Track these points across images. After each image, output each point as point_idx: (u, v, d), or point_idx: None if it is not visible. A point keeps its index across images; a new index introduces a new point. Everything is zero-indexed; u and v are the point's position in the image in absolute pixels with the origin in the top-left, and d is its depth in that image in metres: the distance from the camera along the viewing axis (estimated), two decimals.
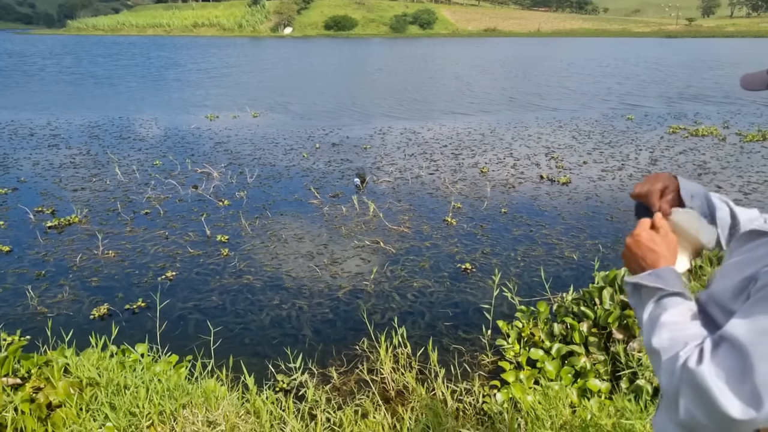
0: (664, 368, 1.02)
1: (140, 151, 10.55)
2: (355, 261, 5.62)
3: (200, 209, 7.12)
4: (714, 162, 9.75)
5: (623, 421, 2.52)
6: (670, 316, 1.07)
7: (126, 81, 24.05)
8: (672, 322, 1.06)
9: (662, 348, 1.04)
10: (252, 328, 4.40)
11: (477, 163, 9.68)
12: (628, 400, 2.75)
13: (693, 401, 0.95)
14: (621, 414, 2.60)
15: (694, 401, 0.95)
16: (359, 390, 3.50)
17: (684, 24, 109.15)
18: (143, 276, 5.26)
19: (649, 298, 1.12)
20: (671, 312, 1.08)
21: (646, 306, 1.12)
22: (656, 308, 1.10)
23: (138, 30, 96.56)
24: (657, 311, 1.10)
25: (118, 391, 2.92)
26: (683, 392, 0.97)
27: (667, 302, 1.09)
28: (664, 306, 1.09)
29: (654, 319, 1.09)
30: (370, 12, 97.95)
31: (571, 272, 5.32)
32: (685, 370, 0.97)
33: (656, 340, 1.06)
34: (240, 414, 2.94)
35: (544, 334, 3.92)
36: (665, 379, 1.02)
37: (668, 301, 1.09)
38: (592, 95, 19.55)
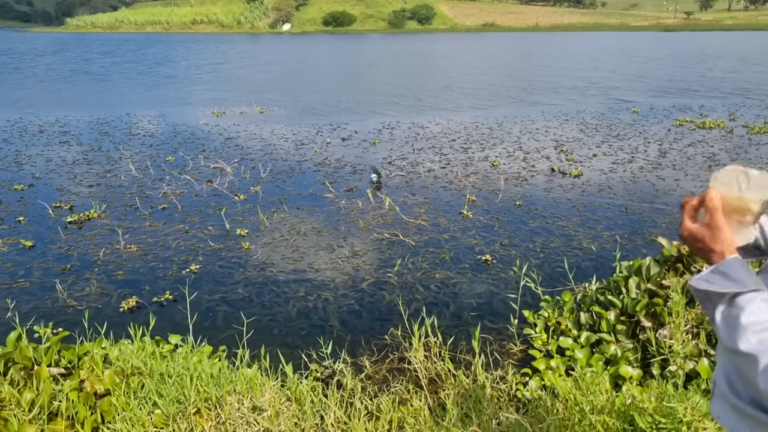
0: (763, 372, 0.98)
1: (151, 147, 10.58)
2: (375, 253, 5.68)
3: (217, 204, 7.17)
4: (723, 154, 9.80)
5: (664, 404, 2.57)
6: (749, 317, 1.04)
7: (134, 78, 24.05)
8: (755, 323, 1.03)
9: (754, 353, 1.00)
10: (279, 320, 4.46)
11: (487, 157, 9.72)
12: (668, 385, 2.80)
13: None
14: (661, 398, 2.66)
15: None
16: (393, 378, 3.55)
17: (682, 17, 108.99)
18: (168, 269, 5.31)
19: (719, 299, 1.09)
20: (749, 311, 1.04)
21: (717, 306, 1.09)
22: (730, 308, 1.07)
23: (137, 27, 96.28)
24: (733, 312, 1.06)
25: (163, 380, 2.98)
26: None
27: (742, 300, 1.06)
28: (738, 305, 1.06)
29: (732, 321, 1.06)
30: (369, 8, 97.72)
31: (591, 263, 5.38)
32: None
33: (743, 344, 1.02)
34: (282, 401, 2.99)
35: (571, 323, 3.98)
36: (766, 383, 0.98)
37: (743, 299, 1.06)
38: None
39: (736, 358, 1.06)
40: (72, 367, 3.22)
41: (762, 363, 1.00)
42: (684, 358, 3.22)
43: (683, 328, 3.31)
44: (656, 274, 3.86)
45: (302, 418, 2.94)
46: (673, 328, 3.27)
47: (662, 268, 3.91)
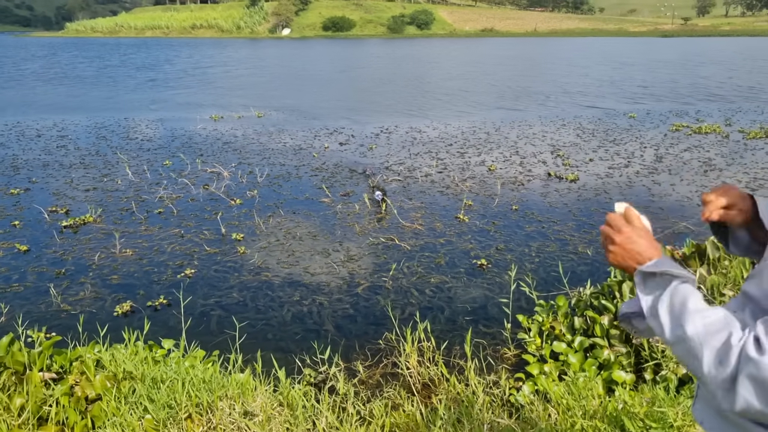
0: (710, 356, 1.00)
1: (149, 152, 10.59)
2: (371, 258, 5.68)
3: (213, 208, 7.17)
4: (719, 159, 9.83)
5: (655, 409, 2.57)
6: (695, 303, 1.06)
7: (133, 82, 24.10)
8: (700, 309, 1.05)
9: (701, 335, 1.02)
10: (274, 324, 4.45)
11: (484, 161, 9.74)
12: (659, 389, 2.80)
13: (755, 391, 0.95)
14: (652, 402, 2.66)
15: (756, 391, 0.95)
16: (386, 383, 3.55)
17: (680, 23, 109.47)
18: (162, 274, 5.31)
19: (662, 288, 1.11)
20: (694, 299, 1.07)
21: (662, 296, 1.10)
22: (676, 296, 1.09)
23: (136, 32, 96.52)
24: (679, 298, 1.08)
25: (155, 385, 2.97)
26: (743, 382, 0.96)
27: (685, 289, 1.09)
28: (683, 293, 1.08)
29: (680, 307, 1.07)
30: (368, 13, 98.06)
31: (586, 267, 5.39)
32: (744, 359, 0.96)
33: (690, 328, 1.03)
34: (274, 406, 2.99)
35: (565, 328, 3.98)
36: (712, 366, 1.00)
37: (686, 288, 1.09)
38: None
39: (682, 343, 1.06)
40: (64, 372, 3.21)
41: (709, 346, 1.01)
42: (676, 362, 3.22)
43: None
44: None
45: (294, 423, 2.93)
46: None
47: None
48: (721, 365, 0.99)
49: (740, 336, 0.99)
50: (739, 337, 0.99)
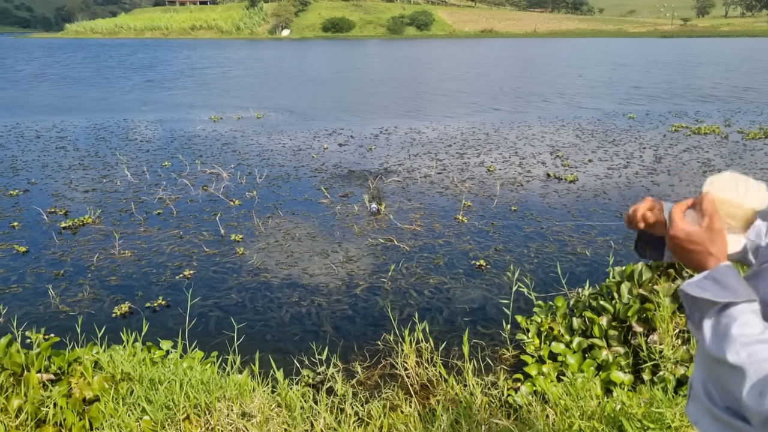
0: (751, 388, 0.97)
1: (148, 153, 10.59)
2: (369, 259, 5.68)
3: (212, 209, 7.17)
4: (718, 159, 9.83)
5: (653, 409, 2.57)
6: (740, 328, 1.01)
7: (131, 82, 24.12)
8: (745, 335, 1.01)
9: (742, 366, 0.99)
10: (272, 325, 4.45)
11: (483, 162, 9.74)
12: (657, 390, 2.80)
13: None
14: (650, 403, 2.66)
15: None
16: (384, 384, 3.55)
17: (679, 24, 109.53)
18: (161, 275, 5.30)
19: (710, 306, 1.06)
20: (740, 322, 1.02)
21: (707, 314, 1.06)
22: (720, 317, 1.04)
23: (136, 33, 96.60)
24: (723, 321, 1.04)
25: (153, 386, 2.97)
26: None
27: (735, 311, 1.03)
28: (730, 315, 1.03)
29: (722, 331, 1.03)
30: (368, 14, 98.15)
31: (585, 268, 5.39)
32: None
33: (733, 356, 1.00)
34: (272, 407, 2.99)
35: (564, 329, 3.98)
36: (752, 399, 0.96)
37: (735, 310, 1.03)
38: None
39: (721, 368, 1.04)
40: (62, 373, 3.21)
41: (749, 377, 0.97)
42: (674, 363, 3.23)
43: (673, 333, 3.31)
44: (648, 279, 3.86)
45: (292, 424, 2.93)
46: (663, 334, 3.27)
47: (654, 273, 3.92)
48: (761, 398, 0.95)
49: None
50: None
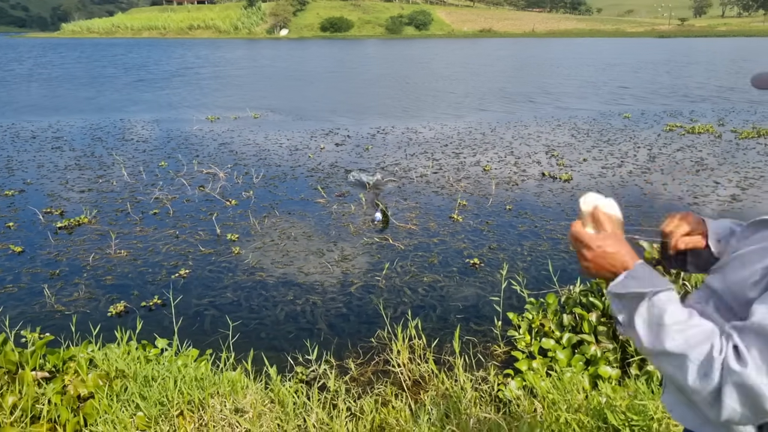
0: (693, 371, 1.01)
1: (145, 153, 10.62)
2: (365, 258, 5.72)
3: (208, 209, 7.20)
4: (711, 158, 9.89)
5: (636, 402, 2.62)
6: (672, 316, 1.06)
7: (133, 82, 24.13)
8: (678, 321, 1.05)
9: (682, 351, 1.03)
10: (267, 323, 4.50)
11: (479, 162, 9.79)
12: (641, 383, 2.85)
13: (740, 400, 0.98)
14: (634, 396, 2.70)
15: (740, 400, 0.98)
16: (377, 380, 3.59)
17: (677, 24, 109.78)
18: (157, 274, 5.34)
19: (637, 302, 1.09)
20: (671, 310, 1.06)
21: (637, 310, 1.09)
22: (651, 310, 1.08)
23: (133, 32, 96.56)
24: (654, 312, 1.07)
25: (147, 383, 3.01)
26: (729, 393, 0.98)
27: (659, 301, 1.07)
28: (659, 307, 1.07)
29: (656, 323, 1.07)
30: (366, 13, 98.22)
31: (577, 265, 5.41)
32: (728, 371, 0.98)
33: (669, 343, 1.04)
34: (265, 403, 3.03)
35: (554, 325, 4.03)
36: (697, 381, 1.01)
37: (660, 300, 1.07)
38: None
39: (661, 358, 1.07)
40: (56, 371, 3.25)
41: (691, 360, 1.02)
42: None
43: None
44: None
45: (285, 419, 2.97)
46: None
47: None
48: (706, 378, 1.00)
49: (720, 347, 1.01)
50: (719, 349, 1.00)
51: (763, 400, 0.96)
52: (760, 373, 0.96)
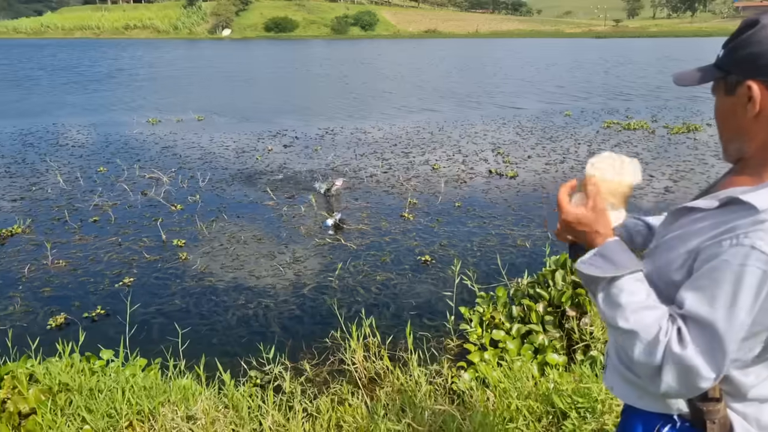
0: (641, 349, 1.11)
1: (81, 158, 10.16)
2: (317, 259, 5.70)
3: (152, 214, 6.98)
4: (646, 153, 10.43)
5: (581, 386, 2.75)
6: (627, 297, 1.14)
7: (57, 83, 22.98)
8: (632, 302, 1.13)
9: (632, 330, 1.12)
10: (218, 329, 4.41)
11: (428, 161, 9.93)
12: (585, 368, 2.99)
13: (677, 378, 1.08)
14: (579, 380, 2.83)
15: (677, 377, 1.08)
16: (333, 379, 3.59)
17: (612, 25, 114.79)
18: (99, 284, 5.14)
19: (598, 282, 1.19)
20: (627, 291, 1.15)
21: (599, 286, 1.19)
22: (611, 289, 1.17)
23: (64, 33, 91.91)
24: (613, 292, 1.16)
25: (93, 395, 2.90)
26: (668, 371, 1.08)
27: (621, 282, 1.16)
28: (619, 287, 1.16)
29: (613, 301, 1.16)
30: (311, 13, 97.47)
31: (525, 259, 5.62)
32: (669, 353, 1.07)
33: (623, 322, 1.13)
34: (219, 408, 2.98)
35: (504, 317, 4.15)
36: (642, 356, 1.11)
37: (622, 281, 1.16)
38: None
39: (617, 335, 1.18)
40: None
41: (640, 339, 1.12)
42: (604, 343, 3.44)
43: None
44: None
45: (240, 423, 2.93)
46: (593, 316, 3.48)
47: None
48: (650, 356, 1.10)
49: (666, 330, 1.10)
50: (665, 332, 1.09)
51: (696, 379, 1.07)
52: (696, 356, 1.06)
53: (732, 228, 1.08)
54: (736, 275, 1.04)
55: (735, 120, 1.18)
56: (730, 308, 1.04)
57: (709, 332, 1.06)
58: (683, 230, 1.21)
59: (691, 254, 1.15)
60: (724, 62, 1.18)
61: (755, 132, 1.15)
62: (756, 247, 1.03)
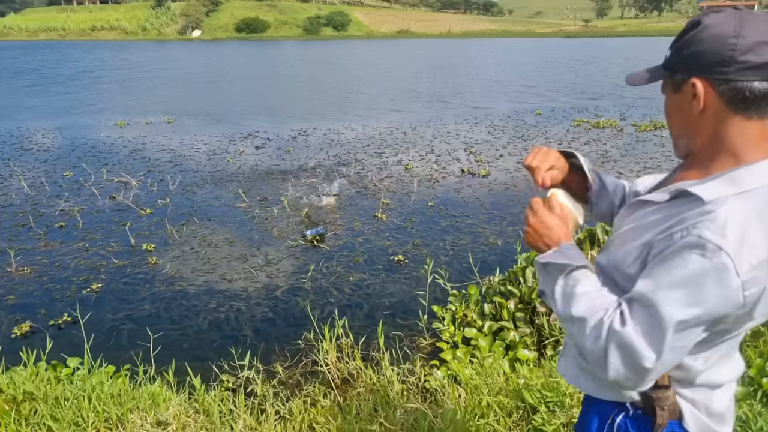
0: (590, 333, 1.15)
1: (47, 163, 9.90)
2: (289, 260, 5.67)
3: (121, 219, 6.85)
4: (614, 151, 10.65)
5: (551, 380, 2.80)
6: (583, 287, 1.20)
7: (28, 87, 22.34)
8: (586, 293, 1.19)
9: (584, 316, 1.17)
10: (189, 333, 4.35)
11: (401, 161, 9.97)
12: (554, 363, 3.04)
13: (621, 358, 1.10)
14: (549, 375, 2.88)
15: (621, 358, 1.10)
16: (306, 381, 3.59)
17: (581, 25, 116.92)
18: (66, 290, 5.02)
19: (558, 274, 1.25)
20: (583, 283, 1.21)
21: (557, 281, 1.25)
22: (568, 281, 1.23)
23: (29, 35, 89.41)
24: (570, 283, 1.22)
25: (59, 404, 2.83)
26: (612, 352, 1.10)
27: (576, 275, 1.23)
28: (575, 279, 1.22)
29: (569, 292, 1.22)
30: (282, 14, 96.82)
31: (496, 257, 5.68)
32: (611, 332, 1.11)
33: (575, 309, 1.18)
34: (189, 413, 2.94)
35: (476, 315, 4.20)
36: (591, 342, 1.14)
37: (577, 274, 1.23)
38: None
39: (570, 323, 1.22)
40: None
41: (589, 325, 1.16)
42: None
43: None
44: None
45: (211, 428, 2.90)
46: None
47: None
48: (597, 340, 1.14)
49: (610, 313, 1.14)
50: (609, 314, 1.14)
51: (639, 358, 1.09)
52: (637, 333, 1.09)
53: (681, 220, 1.13)
54: (683, 264, 1.07)
55: (682, 117, 1.23)
56: (674, 293, 1.07)
57: (649, 312, 1.09)
58: (637, 223, 1.25)
59: (645, 247, 1.18)
60: (670, 62, 1.23)
61: (701, 128, 1.19)
62: (703, 236, 1.06)
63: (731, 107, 1.14)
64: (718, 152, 1.18)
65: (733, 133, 1.16)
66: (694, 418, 1.26)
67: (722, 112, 1.15)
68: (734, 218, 1.07)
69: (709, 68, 1.13)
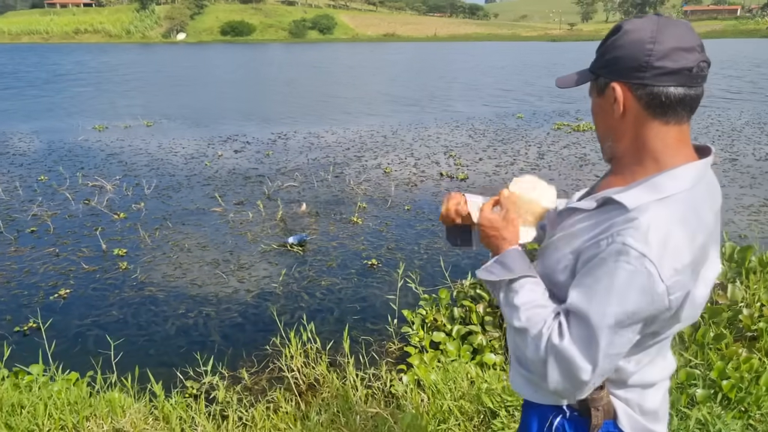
0: (530, 345, 1.17)
1: (22, 167, 9.75)
2: (262, 265, 5.64)
3: (93, 224, 6.76)
4: (593, 154, 10.75)
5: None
6: (521, 298, 1.22)
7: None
8: (525, 303, 1.21)
9: (524, 328, 1.19)
10: (156, 339, 4.31)
11: (380, 164, 9.97)
12: None
13: (559, 371, 1.13)
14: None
15: (560, 371, 1.12)
16: (271, 387, 3.56)
17: (567, 29, 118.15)
18: (33, 296, 4.94)
19: (500, 286, 1.28)
20: (522, 294, 1.23)
21: (501, 291, 1.28)
22: (508, 292, 1.25)
23: (11, 38, 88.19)
24: (510, 295, 1.25)
25: (14, 411, 2.78)
26: (551, 364, 1.13)
27: (516, 285, 1.25)
28: (514, 290, 1.24)
29: (510, 303, 1.24)
30: (268, 17, 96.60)
31: (469, 260, 5.70)
32: (550, 345, 1.13)
33: (516, 321, 1.21)
34: (148, 421, 2.90)
35: (446, 319, 4.20)
36: (532, 353, 1.17)
37: (517, 285, 1.25)
38: None
39: (515, 333, 1.24)
40: None
41: (530, 335, 1.18)
42: None
43: None
44: None
45: None
46: None
47: None
48: (537, 352, 1.16)
49: (549, 325, 1.16)
50: (548, 326, 1.16)
51: (577, 371, 1.11)
52: (573, 346, 1.11)
53: (607, 227, 1.14)
54: (610, 271, 1.09)
55: (605, 120, 1.24)
56: (604, 302, 1.09)
57: (584, 325, 1.11)
58: (567, 231, 1.26)
59: (574, 255, 1.20)
60: (594, 66, 1.25)
61: (623, 131, 1.21)
62: (627, 244, 1.08)
63: (649, 112, 1.16)
64: (640, 157, 1.20)
65: (653, 137, 1.17)
66: (628, 417, 1.28)
67: (641, 116, 1.17)
68: (657, 224, 1.08)
69: (628, 73, 1.15)
